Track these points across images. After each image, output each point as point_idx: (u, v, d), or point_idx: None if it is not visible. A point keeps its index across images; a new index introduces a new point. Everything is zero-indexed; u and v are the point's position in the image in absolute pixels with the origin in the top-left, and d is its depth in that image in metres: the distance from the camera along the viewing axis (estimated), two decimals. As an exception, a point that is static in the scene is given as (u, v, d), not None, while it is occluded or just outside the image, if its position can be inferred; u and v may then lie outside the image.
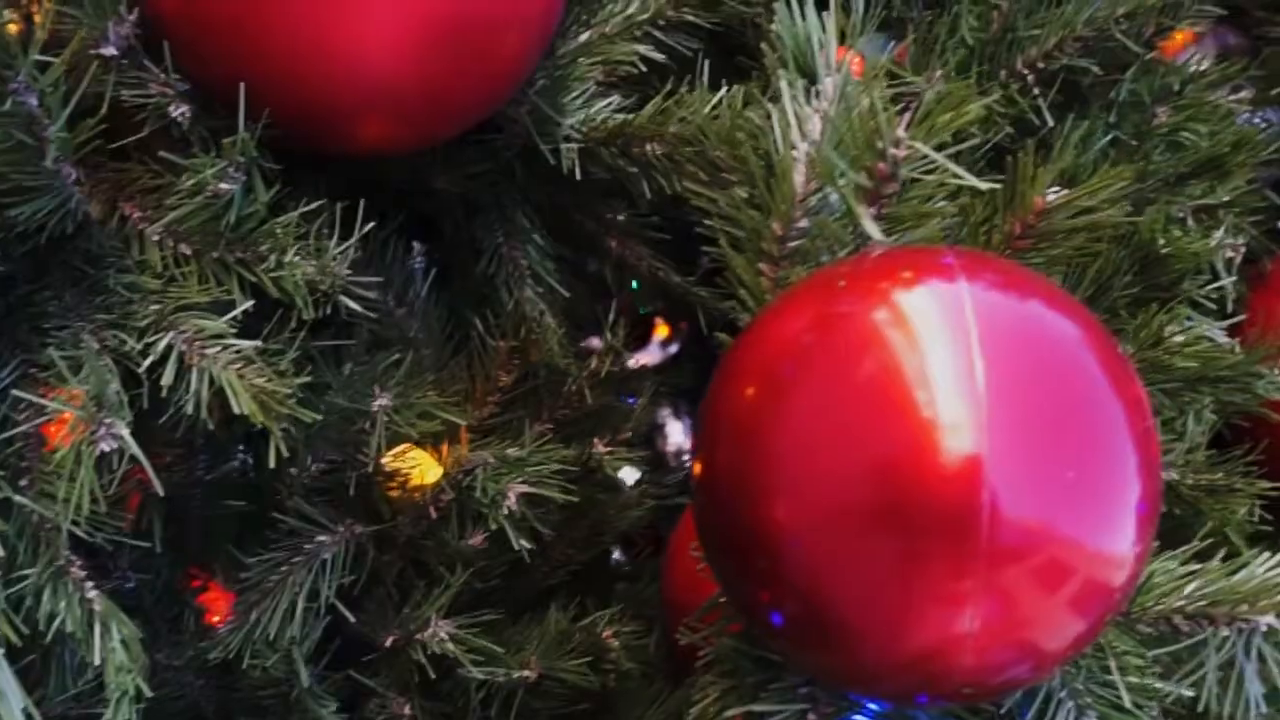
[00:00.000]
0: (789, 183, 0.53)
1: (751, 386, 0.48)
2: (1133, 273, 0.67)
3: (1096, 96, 0.74)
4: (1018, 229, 0.53)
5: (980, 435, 0.43)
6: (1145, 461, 0.46)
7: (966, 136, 0.68)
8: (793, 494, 0.46)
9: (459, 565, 0.71)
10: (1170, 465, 0.72)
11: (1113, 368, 0.46)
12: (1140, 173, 0.71)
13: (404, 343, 0.76)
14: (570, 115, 0.75)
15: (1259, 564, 0.52)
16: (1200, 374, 0.74)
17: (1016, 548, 0.44)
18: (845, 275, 0.48)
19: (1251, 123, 0.87)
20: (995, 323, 0.45)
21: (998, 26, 0.74)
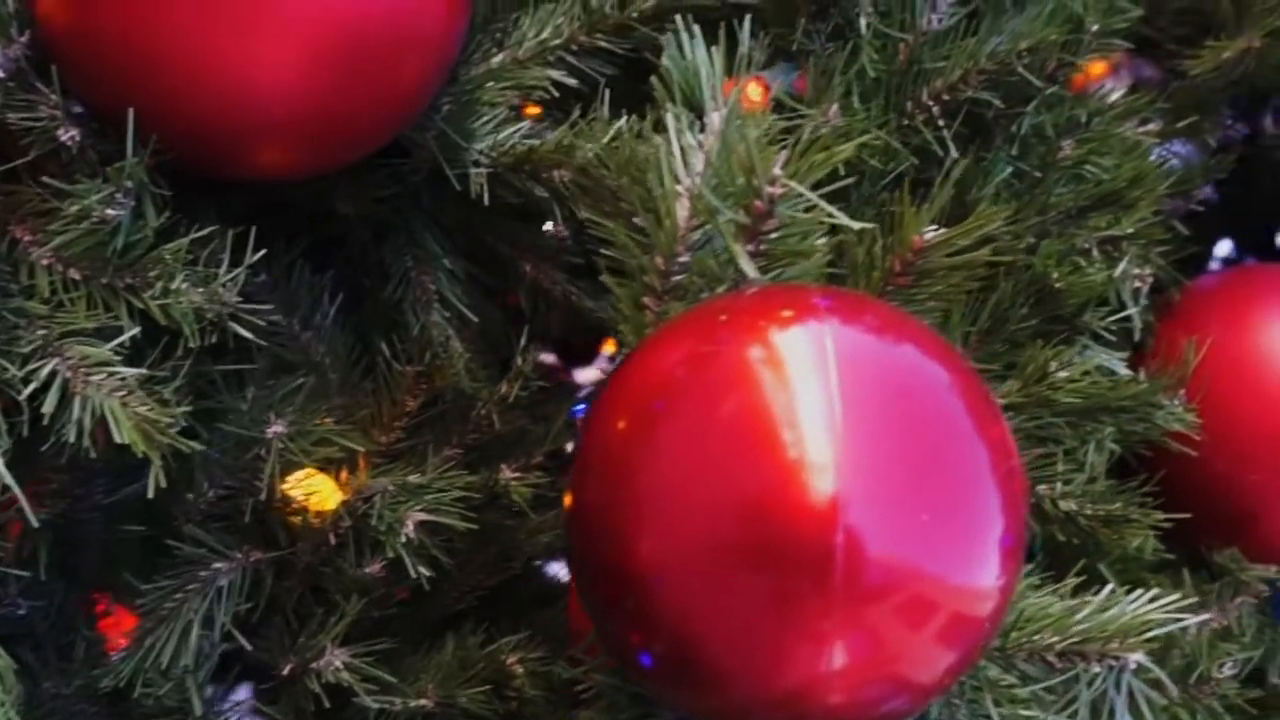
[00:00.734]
0: (672, 218, 0.53)
1: (624, 419, 0.48)
2: (1029, 305, 0.67)
3: (1001, 129, 0.74)
4: (898, 266, 0.53)
5: (835, 475, 0.43)
6: (1008, 499, 0.46)
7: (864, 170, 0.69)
8: (660, 531, 0.46)
9: (356, 593, 0.70)
10: (1069, 495, 0.72)
11: (977, 409, 0.46)
12: (1042, 206, 0.72)
13: (309, 366, 0.76)
14: (479, 140, 0.75)
15: (1130, 601, 0.52)
16: (1102, 404, 0.75)
17: (874, 586, 0.44)
18: (716, 312, 0.48)
19: (1160, 155, 0.88)
20: (857, 364, 0.45)
21: (904, 58, 0.74)
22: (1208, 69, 0.80)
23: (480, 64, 0.73)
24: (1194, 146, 0.90)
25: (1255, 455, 0.81)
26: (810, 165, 0.50)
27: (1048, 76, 0.73)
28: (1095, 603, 0.52)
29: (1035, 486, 0.73)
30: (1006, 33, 0.72)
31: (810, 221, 0.50)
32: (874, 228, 0.53)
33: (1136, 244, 0.78)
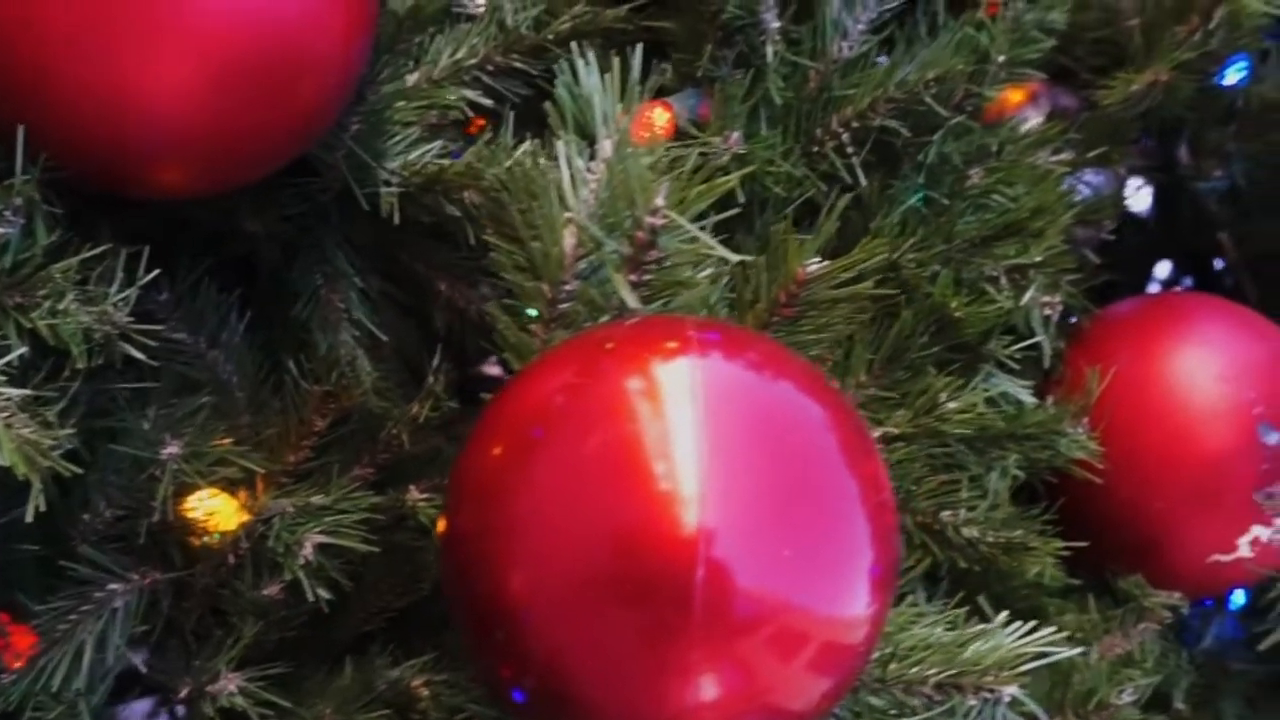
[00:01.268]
0: (559, 246, 0.53)
1: (500, 446, 0.48)
2: (929, 334, 0.68)
3: (909, 158, 0.75)
4: (783, 298, 0.53)
5: (698, 509, 0.43)
6: (878, 531, 0.47)
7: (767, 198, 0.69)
8: (531, 563, 0.45)
9: (253, 616, 0.70)
10: (972, 522, 0.73)
11: (849, 444, 0.47)
12: (947, 234, 0.72)
13: (215, 385, 0.75)
14: (390, 159, 0.74)
15: (1007, 633, 0.52)
16: (1006, 431, 0.75)
17: (737, 619, 0.44)
18: (594, 342, 0.48)
19: (1072, 185, 0.89)
20: (726, 397, 0.45)
21: (814, 86, 0.74)
22: (1117, 100, 0.81)
23: (390, 83, 0.73)
24: (1107, 176, 0.91)
25: (1160, 483, 0.81)
26: (696, 195, 0.50)
27: (955, 106, 0.73)
28: (972, 634, 0.53)
29: (939, 513, 0.73)
30: (915, 62, 0.72)
31: (692, 253, 0.50)
32: (758, 259, 0.53)
33: (1044, 272, 0.78)
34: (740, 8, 0.67)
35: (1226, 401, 0.81)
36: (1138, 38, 0.83)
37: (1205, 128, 0.92)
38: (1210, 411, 0.81)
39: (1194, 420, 0.81)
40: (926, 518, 0.73)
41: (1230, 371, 0.81)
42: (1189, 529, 0.81)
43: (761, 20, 0.68)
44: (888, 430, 0.64)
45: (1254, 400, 0.80)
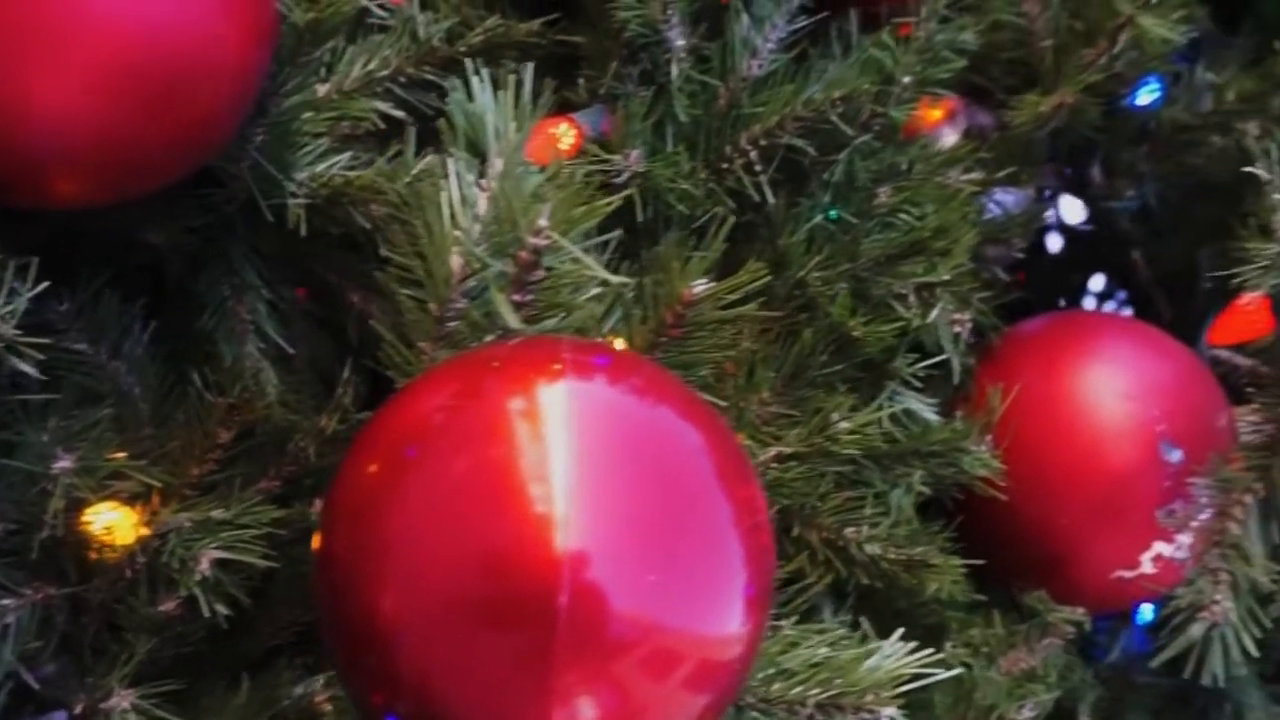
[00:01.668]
0: (446, 265, 0.53)
1: (376, 464, 0.47)
2: (829, 353, 0.68)
3: (817, 176, 0.75)
4: (670, 318, 0.53)
5: (564, 533, 0.43)
6: (753, 552, 0.47)
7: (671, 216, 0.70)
8: (403, 585, 0.45)
9: (148, 632, 0.69)
10: (875, 539, 0.73)
11: (724, 468, 0.47)
12: (853, 253, 0.73)
13: (117, 397, 0.74)
14: (298, 171, 0.74)
15: (887, 654, 0.53)
16: (911, 448, 0.76)
17: (604, 642, 0.44)
18: (472, 363, 0.48)
19: (986, 204, 0.90)
20: (598, 421, 0.46)
21: (724, 103, 0.75)
22: (1026, 121, 0.82)
23: (296, 95, 0.72)
24: (1022, 195, 0.92)
25: (1065, 499, 0.82)
26: (581, 215, 0.50)
27: (861, 125, 0.74)
28: (855, 655, 0.53)
29: (843, 530, 0.74)
30: (822, 81, 0.73)
31: (576, 274, 0.50)
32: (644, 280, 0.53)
33: (951, 290, 0.79)
34: (643, 25, 0.67)
35: (1130, 419, 0.82)
36: (1048, 59, 0.84)
37: (1118, 148, 0.93)
38: (1114, 429, 0.82)
39: (1098, 438, 0.82)
40: (830, 534, 0.74)
41: (1134, 390, 0.82)
42: (1094, 545, 0.82)
43: (666, 38, 0.68)
44: (781, 449, 0.65)
45: (1157, 418, 0.81)
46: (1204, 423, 0.81)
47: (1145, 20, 0.78)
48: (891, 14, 0.81)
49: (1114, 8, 0.79)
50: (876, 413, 0.67)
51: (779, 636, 0.54)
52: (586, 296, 0.52)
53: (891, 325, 0.70)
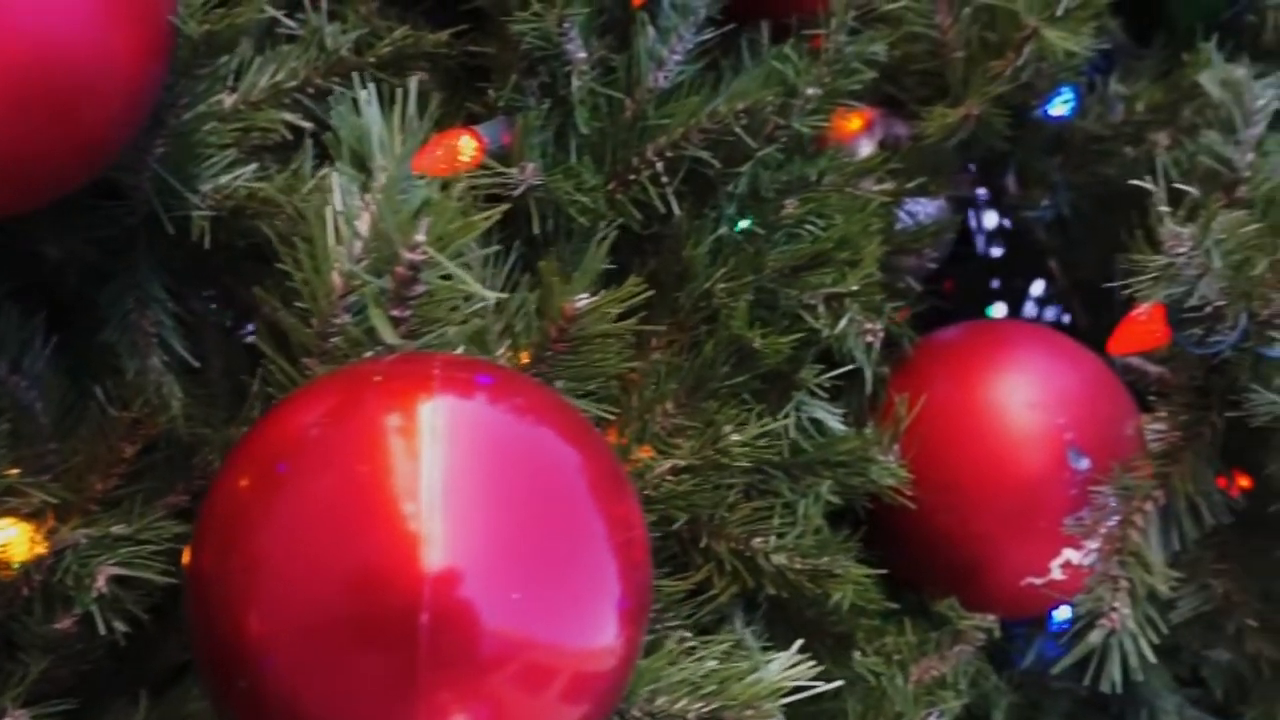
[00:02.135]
0: (327, 280, 0.53)
1: (246, 478, 0.47)
2: (730, 365, 0.68)
3: (722, 188, 0.75)
4: (554, 333, 0.53)
5: (427, 551, 0.43)
6: (627, 566, 0.47)
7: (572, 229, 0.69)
8: (270, 604, 0.45)
9: (43, 650, 0.68)
10: (781, 549, 0.74)
11: (598, 485, 0.47)
12: (757, 264, 0.73)
13: (16, 411, 0.73)
14: (202, 183, 0.73)
15: (771, 666, 0.53)
16: (819, 458, 0.76)
17: (472, 659, 0.44)
18: (343, 378, 0.48)
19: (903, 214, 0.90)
20: (468, 438, 0.45)
21: (630, 114, 0.75)
22: (935, 132, 0.83)
23: (196, 106, 0.72)
24: (937, 205, 0.93)
25: (976, 507, 0.83)
26: (458, 229, 0.50)
27: (766, 137, 0.74)
28: (738, 668, 0.53)
29: (750, 540, 0.74)
30: (725, 94, 0.73)
31: (452, 290, 0.50)
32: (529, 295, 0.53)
33: (859, 300, 0.79)
34: (540, 38, 0.67)
35: (1039, 428, 0.83)
36: (959, 71, 0.85)
37: (1032, 158, 0.94)
38: (1023, 437, 0.83)
39: (1008, 446, 0.83)
40: (738, 544, 0.74)
41: (1043, 398, 0.83)
42: (1004, 553, 0.83)
43: (565, 51, 0.68)
44: (676, 462, 0.65)
45: (1065, 426, 0.82)
46: (1112, 431, 0.82)
47: (1049, 33, 0.79)
48: (802, 25, 0.81)
49: (1019, 20, 0.80)
50: (768, 425, 0.67)
51: (665, 650, 0.55)
52: (469, 312, 0.52)
53: (791, 337, 0.70)
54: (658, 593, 0.72)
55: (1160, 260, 0.64)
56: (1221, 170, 0.75)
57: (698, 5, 0.76)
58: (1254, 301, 0.68)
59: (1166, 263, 0.64)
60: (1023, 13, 0.80)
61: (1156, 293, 0.65)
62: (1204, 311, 0.67)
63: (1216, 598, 0.77)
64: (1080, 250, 0.96)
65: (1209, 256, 0.64)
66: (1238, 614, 0.77)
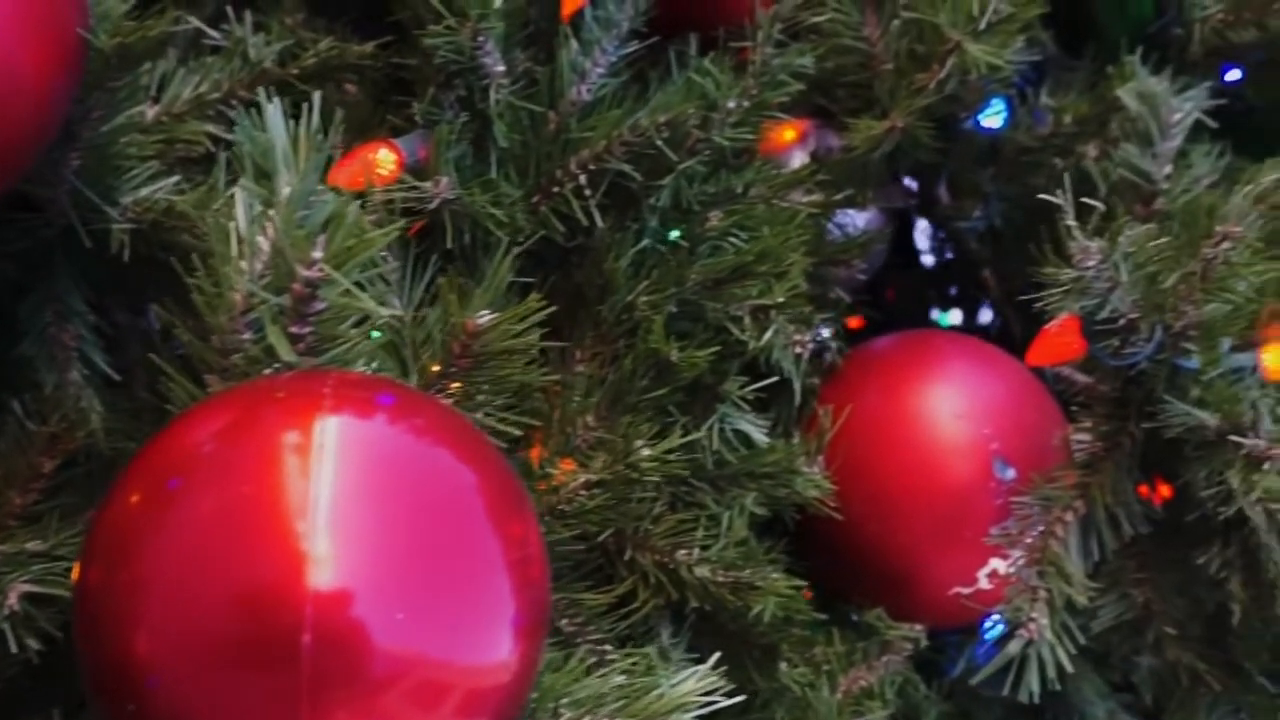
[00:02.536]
0: (227, 297, 0.52)
1: (138, 494, 0.46)
2: (648, 378, 0.69)
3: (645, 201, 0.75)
4: (456, 349, 0.53)
5: (316, 570, 0.43)
6: (521, 583, 0.48)
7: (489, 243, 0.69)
8: (156, 623, 0.44)
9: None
10: (705, 561, 0.74)
11: (495, 504, 0.47)
12: (679, 277, 0.73)
13: (-70, 426, 0.73)
14: (122, 195, 0.73)
15: (678, 680, 0.53)
16: (744, 470, 0.76)
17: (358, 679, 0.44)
18: (238, 396, 0.47)
19: (835, 226, 0.91)
20: (364, 457, 0.45)
21: (554, 127, 0.75)
22: (861, 144, 0.83)
23: (113, 119, 0.71)
24: (868, 216, 0.93)
25: (904, 517, 0.83)
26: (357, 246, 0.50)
27: (688, 150, 0.74)
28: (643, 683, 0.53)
29: (675, 552, 0.74)
30: (646, 107, 0.73)
31: (350, 306, 0.50)
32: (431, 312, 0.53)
33: (786, 312, 0.80)
34: (454, 51, 0.67)
35: (965, 438, 0.83)
36: (887, 83, 0.85)
37: (964, 169, 0.95)
38: (950, 448, 0.83)
39: (935, 457, 0.83)
40: (663, 556, 0.74)
41: (969, 409, 0.84)
42: (932, 563, 0.83)
43: (482, 65, 0.68)
44: (589, 476, 0.65)
45: (991, 436, 0.83)
46: (1037, 441, 0.83)
47: (972, 47, 0.80)
48: (729, 38, 0.82)
49: (943, 34, 0.80)
50: (681, 439, 0.67)
51: (572, 665, 0.55)
52: (371, 328, 0.52)
53: (708, 350, 0.70)
54: (579, 605, 0.72)
55: (1070, 273, 0.65)
56: (1139, 183, 0.76)
57: (621, 19, 0.76)
58: (1167, 314, 0.69)
59: (1076, 276, 0.65)
60: (946, 27, 0.80)
61: (1068, 305, 0.66)
62: (1118, 324, 0.68)
63: (1136, 606, 0.78)
64: (1012, 260, 0.97)
65: (1118, 270, 0.64)
66: (1157, 622, 0.77)
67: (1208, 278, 0.67)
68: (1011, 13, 0.83)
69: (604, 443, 0.68)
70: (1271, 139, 0.97)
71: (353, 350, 0.51)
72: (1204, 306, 0.69)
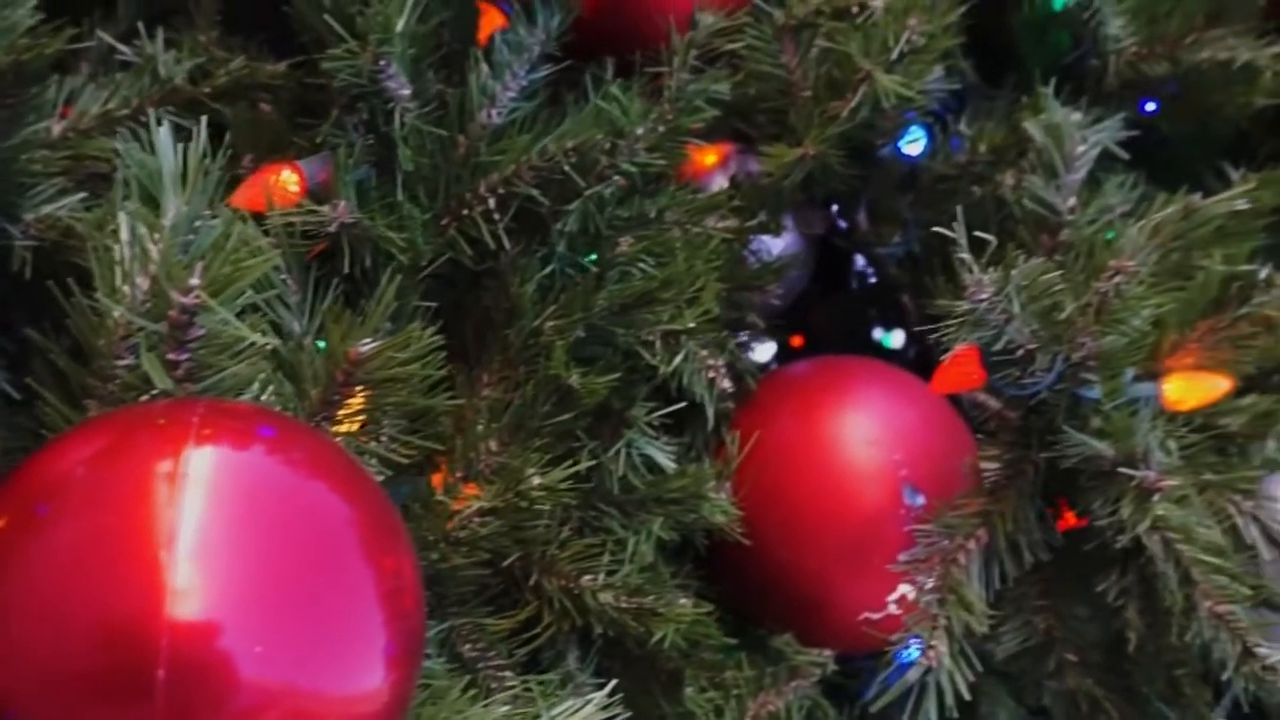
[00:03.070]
0: (107, 322, 0.52)
1: (4, 519, 0.46)
2: (551, 405, 0.68)
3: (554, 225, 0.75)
4: (340, 377, 0.53)
5: (175, 603, 0.42)
6: (394, 614, 0.48)
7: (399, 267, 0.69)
8: (14, 654, 0.44)
9: None
10: (609, 587, 0.74)
11: (368, 537, 0.47)
12: (586, 302, 0.73)
13: None
14: (25, 211, 0.72)
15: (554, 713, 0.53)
16: (652, 495, 0.77)
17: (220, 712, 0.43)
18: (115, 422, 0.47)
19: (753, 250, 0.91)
20: (229, 487, 0.45)
21: (463, 151, 0.75)
22: (774, 170, 0.84)
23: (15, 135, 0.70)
24: (785, 241, 0.94)
25: (815, 543, 0.83)
26: (238, 272, 0.50)
27: (596, 175, 0.74)
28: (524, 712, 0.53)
29: (580, 577, 0.74)
30: (554, 132, 0.73)
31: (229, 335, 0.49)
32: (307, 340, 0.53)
33: (698, 337, 0.80)
34: (355, 75, 0.67)
35: (875, 464, 0.83)
36: (803, 110, 0.86)
37: (883, 195, 0.95)
38: (860, 474, 0.84)
39: (845, 482, 0.84)
40: (568, 581, 0.74)
41: (880, 435, 0.84)
42: (842, 588, 0.84)
43: (385, 88, 0.68)
44: (482, 504, 0.65)
45: (901, 463, 0.83)
46: (947, 467, 0.83)
47: (883, 77, 0.80)
48: (645, 62, 0.82)
49: (855, 63, 0.81)
50: (572, 468, 0.66)
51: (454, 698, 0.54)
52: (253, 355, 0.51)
53: (609, 377, 0.70)
54: (481, 631, 0.72)
55: (964, 306, 0.65)
56: (1045, 214, 0.77)
57: (532, 43, 0.76)
58: (1065, 345, 0.69)
59: (970, 308, 0.65)
60: (858, 56, 0.81)
61: (963, 337, 0.66)
62: (1016, 354, 0.69)
63: (1039, 633, 0.78)
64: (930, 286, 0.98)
65: (1011, 302, 0.65)
66: (1058, 649, 0.78)
67: (1103, 311, 0.67)
68: (925, 44, 0.84)
69: (506, 468, 0.68)
70: (1184, 170, 0.99)
71: (237, 377, 0.51)
72: (1102, 338, 0.69)
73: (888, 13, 0.83)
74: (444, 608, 0.70)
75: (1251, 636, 0.69)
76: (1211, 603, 0.70)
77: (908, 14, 0.82)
